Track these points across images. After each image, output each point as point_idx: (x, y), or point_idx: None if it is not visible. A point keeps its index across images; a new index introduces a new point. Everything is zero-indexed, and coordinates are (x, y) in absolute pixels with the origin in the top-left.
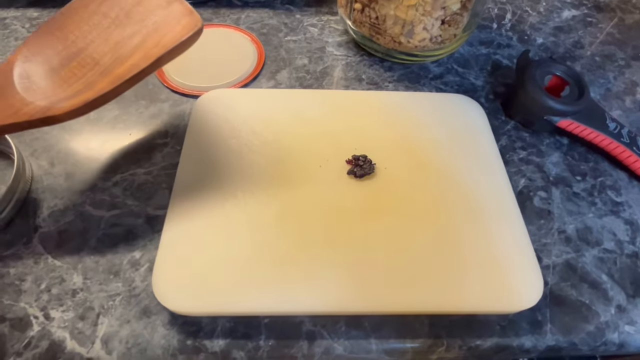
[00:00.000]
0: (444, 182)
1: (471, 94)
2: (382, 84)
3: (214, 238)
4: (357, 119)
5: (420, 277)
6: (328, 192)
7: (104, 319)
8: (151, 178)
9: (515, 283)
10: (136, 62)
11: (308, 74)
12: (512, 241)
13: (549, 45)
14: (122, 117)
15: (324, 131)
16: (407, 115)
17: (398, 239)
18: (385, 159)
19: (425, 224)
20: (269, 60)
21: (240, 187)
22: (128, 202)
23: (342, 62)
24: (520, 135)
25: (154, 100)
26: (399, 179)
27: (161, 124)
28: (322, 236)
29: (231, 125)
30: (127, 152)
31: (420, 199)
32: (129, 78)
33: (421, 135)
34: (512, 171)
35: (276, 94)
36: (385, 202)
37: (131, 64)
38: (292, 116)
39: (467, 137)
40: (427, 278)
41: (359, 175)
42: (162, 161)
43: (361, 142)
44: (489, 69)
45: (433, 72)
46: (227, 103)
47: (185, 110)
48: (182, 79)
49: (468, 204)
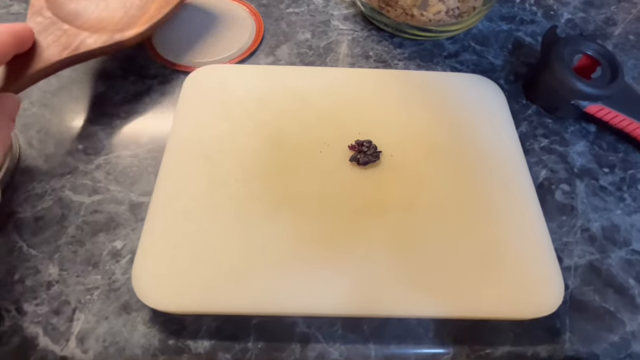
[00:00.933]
0: (456, 173)
1: (489, 75)
2: (392, 61)
3: (200, 229)
4: (362, 101)
5: (428, 277)
6: (328, 181)
7: (80, 314)
8: (137, 161)
9: (532, 286)
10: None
11: (310, 50)
12: (531, 239)
13: (578, 21)
14: (107, 94)
15: (326, 113)
16: (418, 97)
17: (404, 235)
18: (392, 146)
19: (434, 219)
20: (268, 34)
21: (232, 174)
22: (111, 187)
23: (348, 37)
24: (543, 121)
25: (142, 76)
26: (407, 168)
27: (149, 102)
28: (319, 230)
29: (224, 105)
30: (111, 133)
31: (429, 192)
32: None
33: (433, 120)
34: (532, 161)
35: (274, 71)
36: (390, 194)
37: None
38: (290, 96)
39: (483, 122)
40: (434, 279)
41: (362, 163)
42: (148, 143)
43: (366, 126)
44: (509, 47)
45: (448, 49)
46: (220, 80)
47: (175, 87)
48: (173, 53)
49: (482, 198)
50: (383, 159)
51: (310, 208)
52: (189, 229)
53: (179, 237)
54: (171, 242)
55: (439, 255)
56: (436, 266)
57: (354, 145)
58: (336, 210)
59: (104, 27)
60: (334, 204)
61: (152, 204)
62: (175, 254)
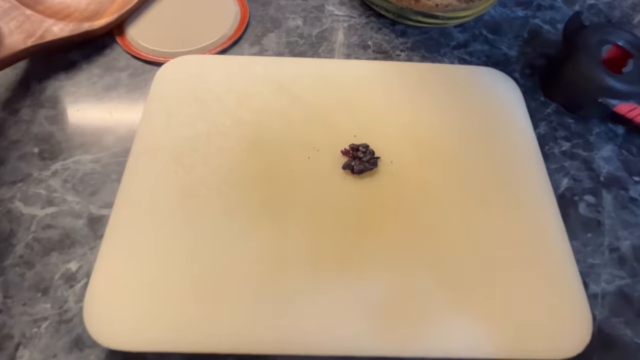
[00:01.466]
0: (465, 183)
1: (503, 68)
2: (393, 52)
3: (166, 251)
4: (358, 98)
5: (429, 310)
6: (316, 193)
7: (24, 350)
8: (99, 167)
9: (553, 322)
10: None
11: (301, 39)
12: (551, 261)
13: (602, 7)
14: (69, 89)
15: (316, 112)
16: (423, 93)
17: (405, 259)
18: (392, 151)
19: (440, 238)
20: (254, 20)
21: (204, 183)
22: (68, 197)
23: (344, 25)
24: (564, 121)
25: (110, 69)
26: (409, 177)
27: (117, 98)
28: (305, 251)
29: (199, 101)
30: (72, 134)
31: (435, 205)
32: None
33: (439, 120)
34: (553, 168)
35: (258, 63)
36: (390, 208)
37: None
38: (276, 91)
39: (497, 122)
40: (437, 312)
41: (357, 171)
42: (113, 146)
43: (362, 127)
44: (525, 36)
45: (456, 38)
46: (196, 73)
47: (147, 81)
48: (147, 42)
49: (496, 212)
50: (381, 167)
51: (295, 225)
52: (153, 250)
53: (140, 259)
54: (131, 266)
55: (443, 284)
56: (438, 296)
57: (348, 150)
58: (326, 228)
59: (70, 14)
60: (323, 221)
61: (111, 219)
62: (135, 281)
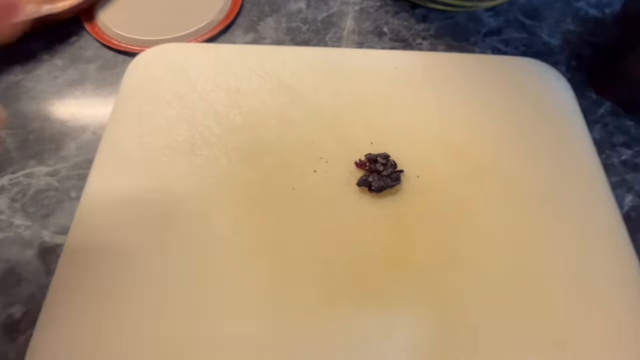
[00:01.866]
0: (509, 200)
1: (545, 59)
2: (413, 40)
3: (130, 297)
4: (374, 96)
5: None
6: (325, 216)
7: None
8: (56, 182)
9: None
10: None
11: (305, 24)
12: (620, 299)
13: None
14: (24, 84)
15: (322, 113)
16: (452, 89)
17: (437, 296)
18: (418, 162)
19: (482, 271)
20: (248, 3)
21: (185, 204)
22: (16, 220)
23: (354, 8)
24: (622, 124)
25: (75, 60)
26: (439, 194)
27: (82, 95)
28: (313, 292)
29: (180, 99)
30: (25, 140)
31: (473, 229)
32: None
33: (473, 123)
34: (612, 182)
35: (253, 53)
36: (418, 235)
37: None
38: (275, 88)
39: (545, 125)
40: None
41: (375, 189)
42: (75, 155)
43: (380, 132)
44: (568, 21)
45: (488, 24)
46: (177, 65)
47: (120, 74)
48: (120, 29)
49: (548, 238)
50: (405, 182)
51: (301, 259)
52: (113, 295)
53: (98, 309)
54: (86, 318)
55: (491, 328)
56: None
57: (364, 162)
58: (338, 261)
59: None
60: (334, 252)
61: (65, 251)
62: (89, 338)
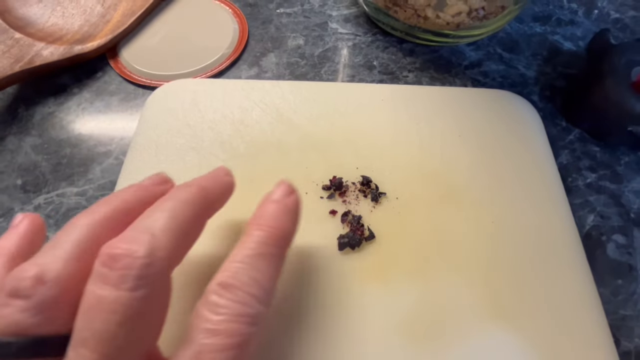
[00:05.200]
0: (480, 219)
1: (520, 89)
2: (400, 73)
3: None
4: (361, 126)
5: None
6: (316, 230)
7: None
8: (84, 201)
9: None
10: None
11: (302, 59)
12: (575, 313)
13: (628, 22)
14: (57, 115)
15: (316, 142)
16: (430, 119)
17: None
18: (398, 185)
19: (452, 280)
20: (253, 40)
21: None
22: (50, 234)
23: (348, 44)
24: (588, 149)
25: (101, 93)
26: (416, 214)
27: (106, 126)
28: (298, 299)
29: (191, 129)
30: (57, 164)
31: (445, 245)
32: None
33: (449, 151)
34: (577, 203)
35: (256, 87)
36: (396, 248)
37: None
38: (274, 120)
39: (514, 153)
40: None
41: (353, 244)
42: (100, 177)
43: (365, 159)
44: (544, 54)
45: (469, 57)
46: (189, 99)
47: (139, 106)
48: (140, 65)
49: (513, 250)
50: (385, 203)
51: (288, 265)
52: None
53: None
54: None
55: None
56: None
57: (329, 185)
58: (323, 274)
59: (61, 37)
60: (321, 267)
61: None
62: None
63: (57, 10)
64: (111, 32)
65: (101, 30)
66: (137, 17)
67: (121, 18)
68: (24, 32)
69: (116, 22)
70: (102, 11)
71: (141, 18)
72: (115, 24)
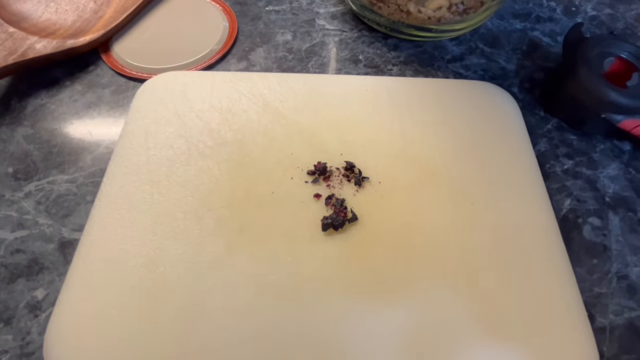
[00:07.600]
0: (459, 204)
1: (501, 82)
2: (385, 67)
3: (137, 282)
4: (346, 114)
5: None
6: (299, 217)
7: None
8: (74, 188)
9: (555, 357)
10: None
11: (290, 54)
12: (552, 291)
13: (604, 18)
14: (49, 107)
15: (301, 130)
16: (412, 109)
17: (391, 290)
18: (381, 171)
19: (431, 262)
20: (242, 35)
21: (180, 206)
22: (40, 220)
23: (334, 39)
24: (565, 138)
25: (92, 85)
26: (398, 197)
27: (98, 116)
28: (287, 280)
29: (180, 119)
30: (49, 153)
31: (425, 226)
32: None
33: (429, 138)
34: (554, 188)
35: (244, 79)
36: (379, 231)
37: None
38: (261, 109)
39: (494, 140)
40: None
41: (338, 225)
42: (91, 165)
43: (349, 146)
44: (524, 48)
45: (451, 52)
46: (178, 89)
47: (130, 98)
48: (132, 58)
49: (491, 231)
50: (369, 187)
51: (277, 253)
52: (122, 281)
53: (108, 290)
54: (97, 298)
55: (436, 318)
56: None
57: (314, 170)
58: (309, 255)
59: (54, 31)
60: (306, 247)
61: (80, 245)
62: (101, 314)
63: (50, 6)
64: (103, 27)
65: (94, 26)
66: (129, 13)
67: (113, 14)
68: (17, 27)
69: (109, 18)
70: (95, 7)
71: (133, 14)
72: (107, 20)
